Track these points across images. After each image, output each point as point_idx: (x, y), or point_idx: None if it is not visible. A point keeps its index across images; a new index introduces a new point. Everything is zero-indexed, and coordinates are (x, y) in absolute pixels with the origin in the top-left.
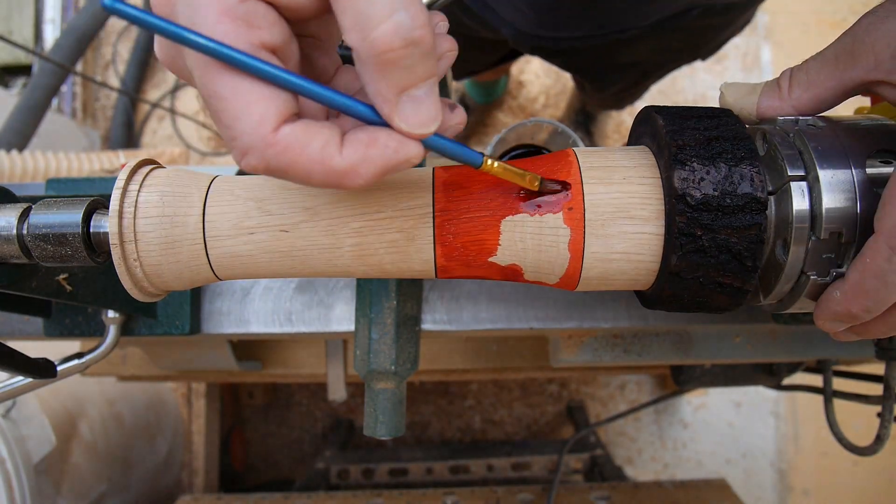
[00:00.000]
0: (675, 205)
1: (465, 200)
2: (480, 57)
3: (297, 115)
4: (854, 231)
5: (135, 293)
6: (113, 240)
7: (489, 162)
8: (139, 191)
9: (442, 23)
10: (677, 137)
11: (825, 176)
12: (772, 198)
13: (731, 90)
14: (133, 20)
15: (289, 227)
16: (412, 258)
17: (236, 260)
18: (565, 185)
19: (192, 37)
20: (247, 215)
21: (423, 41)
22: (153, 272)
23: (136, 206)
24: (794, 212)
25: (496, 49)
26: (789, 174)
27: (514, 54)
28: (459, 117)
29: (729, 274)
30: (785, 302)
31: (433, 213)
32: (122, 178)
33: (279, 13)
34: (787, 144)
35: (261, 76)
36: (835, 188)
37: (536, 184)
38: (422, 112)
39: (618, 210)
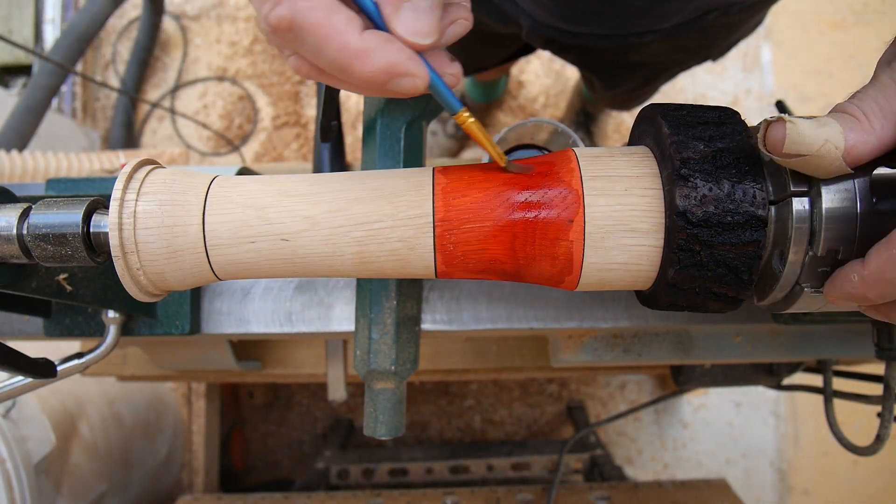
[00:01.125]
0: (676, 220)
1: (465, 210)
2: (490, 52)
3: None
4: (852, 249)
5: (137, 294)
6: (115, 252)
7: (465, 114)
8: (137, 200)
9: None
10: (681, 150)
11: (828, 192)
12: (773, 207)
13: (798, 122)
14: None
15: (289, 236)
16: (413, 265)
17: (238, 266)
18: (525, 169)
19: None
20: (247, 224)
21: None
22: (156, 278)
23: (135, 217)
24: (793, 226)
25: (507, 45)
26: (792, 189)
27: (523, 51)
28: (456, 69)
29: (725, 285)
30: (777, 306)
31: (433, 222)
32: (118, 187)
33: None
34: (800, 237)
35: None
36: (837, 204)
37: (503, 163)
38: (420, 22)
39: (618, 223)
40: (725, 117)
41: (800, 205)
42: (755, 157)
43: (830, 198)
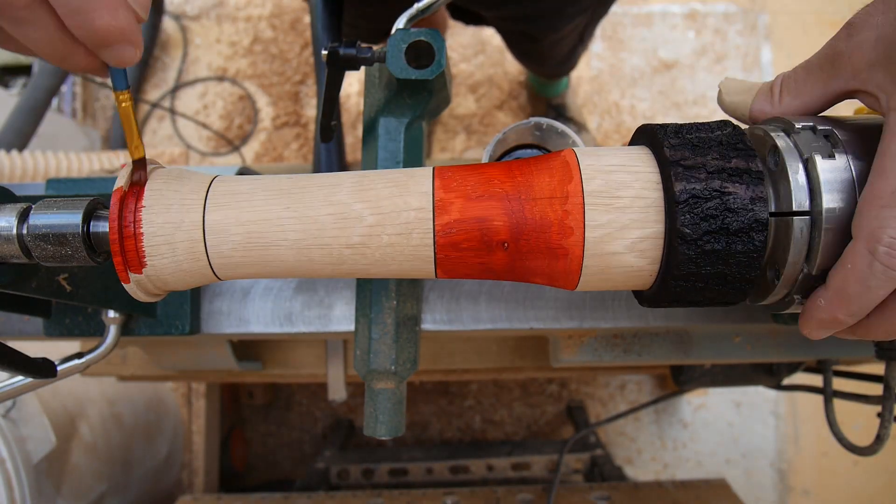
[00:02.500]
0: (675, 224)
1: (466, 210)
2: (391, 14)
3: None
4: None
5: (137, 294)
6: (116, 258)
7: (123, 96)
8: (137, 202)
9: None
10: (682, 150)
11: (829, 214)
12: (773, 220)
13: (729, 87)
14: None
15: (289, 236)
16: (413, 265)
17: (239, 267)
18: (141, 167)
19: None
20: (247, 224)
21: None
22: (157, 279)
23: (135, 219)
24: (792, 244)
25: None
26: (794, 209)
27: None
28: (139, 52)
29: (722, 290)
30: (773, 307)
31: (433, 222)
32: (119, 185)
33: None
34: (797, 172)
35: None
36: (836, 227)
37: (136, 157)
38: None
39: (618, 225)
40: (725, 123)
41: (800, 224)
42: (758, 166)
43: (831, 220)
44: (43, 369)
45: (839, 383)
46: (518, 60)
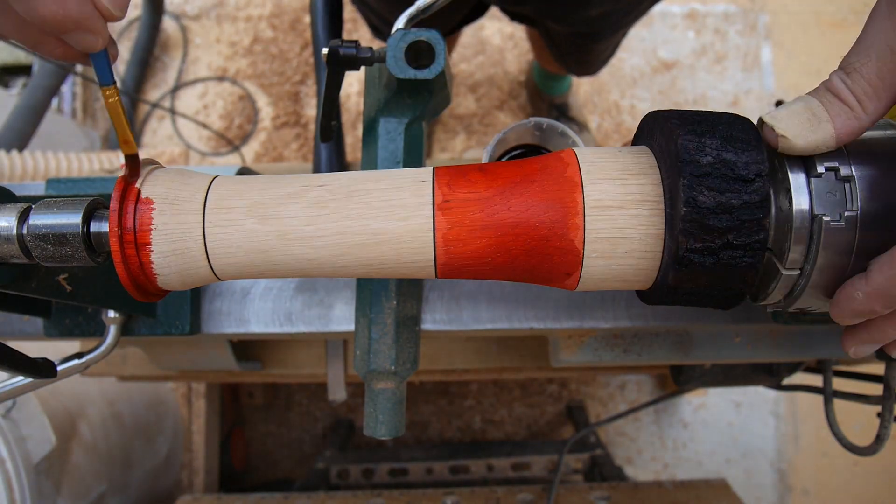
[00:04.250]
0: (676, 221)
1: (466, 210)
2: (443, 16)
3: None
4: (848, 259)
5: (137, 295)
6: (116, 258)
7: (109, 92)
8: (137, 202)
9: None
10: (682, 151)
11: (819, 275)
12: (774, 209)
13: (790, 127)
14: None
15: (290, 236)
16: (414, 265)
17: (238, 267)
18: (135, 166)
19: None
20: (247, 224)
21: None
22: (156, 279)
23: (135, 217)
24: (794, 229)
25: (459, 7)
26: (784, 271)
27: (474, 14)
28: (117, 50)
29: (725, 286)
30: (778, 305)
31: (433, 222)
32: (118, 188)
33: None
34: (800, 231)
35: None
36: (824, 285)
37: (126, 153)
38: None
39: (618, 223)
40: (731, 119)
41: (790, 273)
42: (761, 166)
43: (818, 281)
44: (43, 369)
45: (839, 383)
46: (558, 61)
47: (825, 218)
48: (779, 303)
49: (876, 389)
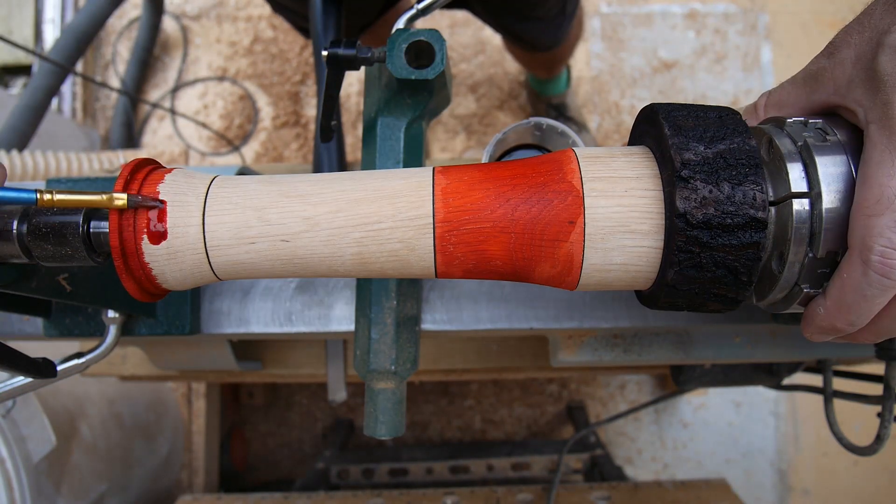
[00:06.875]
0: (676, 222)
1: (465, 210)
2: (365, 6)
3: None
4: None
5: (137, 294)
6: (117, 260)
7: (45, 197)
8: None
9: None
10: (682, 151)
11: (828, 195)
12: (773, 208)
13: None
14: None
15: (289, 237)
16: (413, 265)
17: (238, 266)
18: (158, 202)
19: None
20: (246, 225)
21: None
22: (157, 279)
23: (135, 217)
24: (793, 228)
25: None
26: (792, 191)
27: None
28: (4, 171)
29: (724, 286)
30: (777, 306)
31: (433, 223)
32: (118, 187)
33: None
34: (793, 156)
35: None
36: (837, 205)
37: (121, 202)
38: None
39: (618, 224)
40: (726, 118)
41: (800, 206)
42: (755, 159)
43: (831, 199)
44: (43, 369)
45: (839, 383)
46: (517, 45)
47: (809, 140)
48: (778, 303)
49: (876, 389)
